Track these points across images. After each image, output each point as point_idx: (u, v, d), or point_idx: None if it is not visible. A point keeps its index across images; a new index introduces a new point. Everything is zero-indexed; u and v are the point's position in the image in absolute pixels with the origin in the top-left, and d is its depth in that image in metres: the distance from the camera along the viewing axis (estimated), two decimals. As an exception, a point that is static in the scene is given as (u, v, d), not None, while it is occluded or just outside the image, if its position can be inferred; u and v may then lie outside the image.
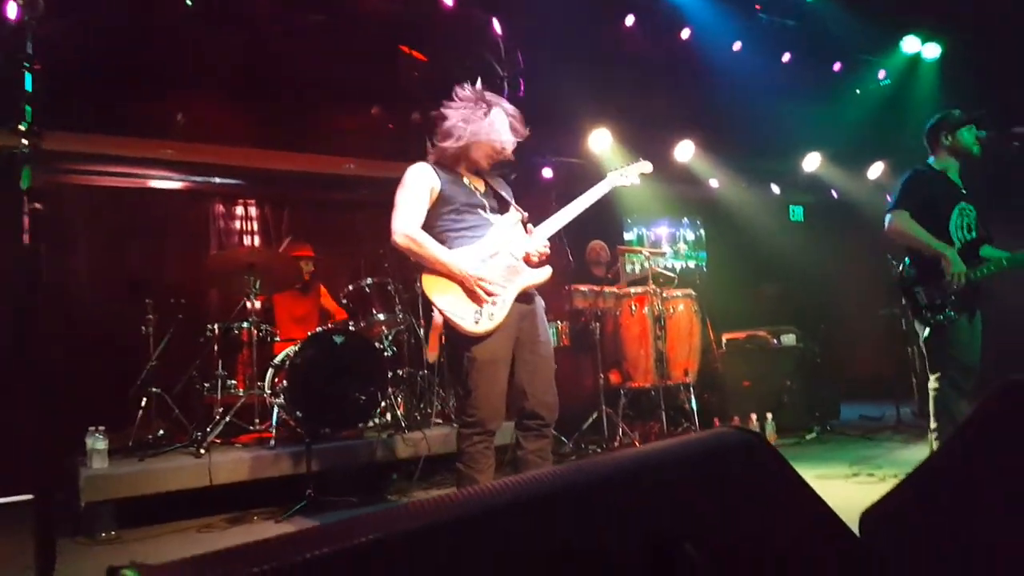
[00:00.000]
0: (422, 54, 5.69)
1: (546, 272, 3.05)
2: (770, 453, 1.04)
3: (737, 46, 6.70)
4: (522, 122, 3.06)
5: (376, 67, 5.70)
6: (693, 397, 5.82)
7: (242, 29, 5.09)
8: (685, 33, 6.44)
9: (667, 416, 5.56)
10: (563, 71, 5.62)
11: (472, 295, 2.87)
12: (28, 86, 1.73)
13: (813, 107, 7.42)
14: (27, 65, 1.74)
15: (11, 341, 5.17)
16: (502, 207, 3.12)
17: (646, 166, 3.46)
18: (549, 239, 3.09)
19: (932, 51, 7.56)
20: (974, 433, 1.23)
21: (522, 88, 5.65)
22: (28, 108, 1.69)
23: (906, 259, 3.74)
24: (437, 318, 2.95)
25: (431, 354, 3.05)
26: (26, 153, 1.63)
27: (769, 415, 5.59)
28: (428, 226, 2.97)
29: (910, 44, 7.52)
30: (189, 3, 4.63)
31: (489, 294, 2.87)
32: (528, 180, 6.86)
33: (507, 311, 2.90)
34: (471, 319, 2.85)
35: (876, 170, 8.32)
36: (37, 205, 1.59)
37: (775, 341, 6.43)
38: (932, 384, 3.62)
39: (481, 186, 3.12)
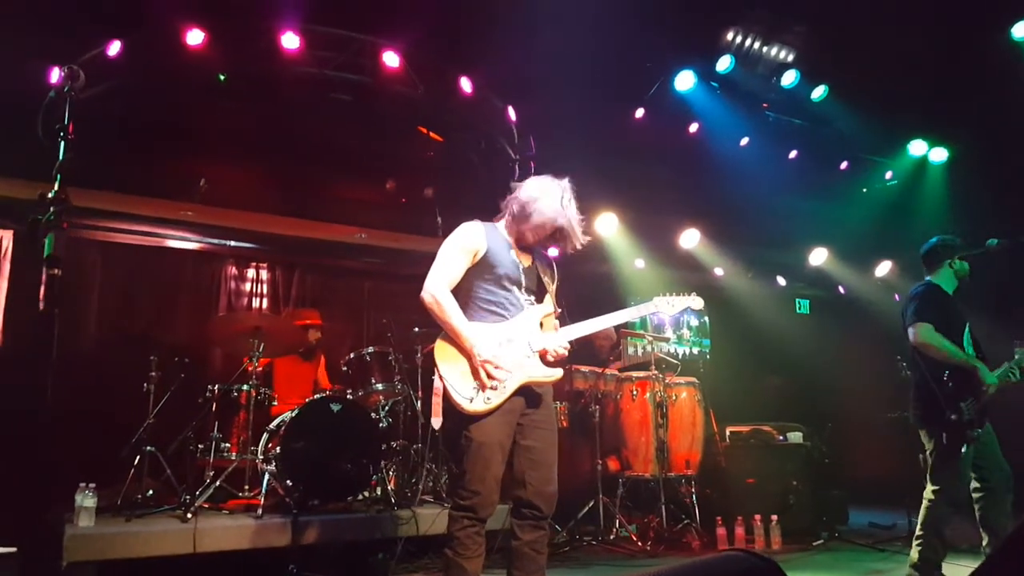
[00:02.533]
0: (438, 135, 5.91)
1: (556, 373, 3.01)
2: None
3: (745, 141, 6.89)
4: (583, 232, 3.04)
5: (393, 144, 5.92)
6: (695, 491, 5.65)
7: (269, 103, 5.32)
8: (693, 127, 6.64)
9: (667, 510, 5.41)
10: (573, 156, 5.79)
11: (475, 374, 2.86)
12: (61, 155, 1.80)
13: (820, 203, 7.56)
14: (62, 134, 1.82)
15: (15, 393, 5.24)
16: (539, 291, 3.12)
17: (697, 302, 3.38)
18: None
19: (939, 155, 7.72)
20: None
21: (532, 171, 5.83)
22: (59, 176, 1.75)
23: (945, 371, 3.72)
24: (437, 384, 2.93)
25: (436, 420, 3.01)
26: (51, 221, 1.69)
27: (774, 517, 5.36)
28: (463, 287, 2.96)
29: (917, 147, 7.70)
30: (222, 78, 4.86)
31: (492, 378, 2.85)
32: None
33: (504, 398, 2.87)
34: (466, 396, 2.84)
35: (884, 268, 8.37)
36: (56, 271, 1.64)
37: (781, 438, 6.23)
38: (928, 495, 3.71)
39: (527, 262, 3.10)
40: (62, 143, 1.91)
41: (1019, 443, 4.13)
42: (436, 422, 2.98)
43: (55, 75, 4.89)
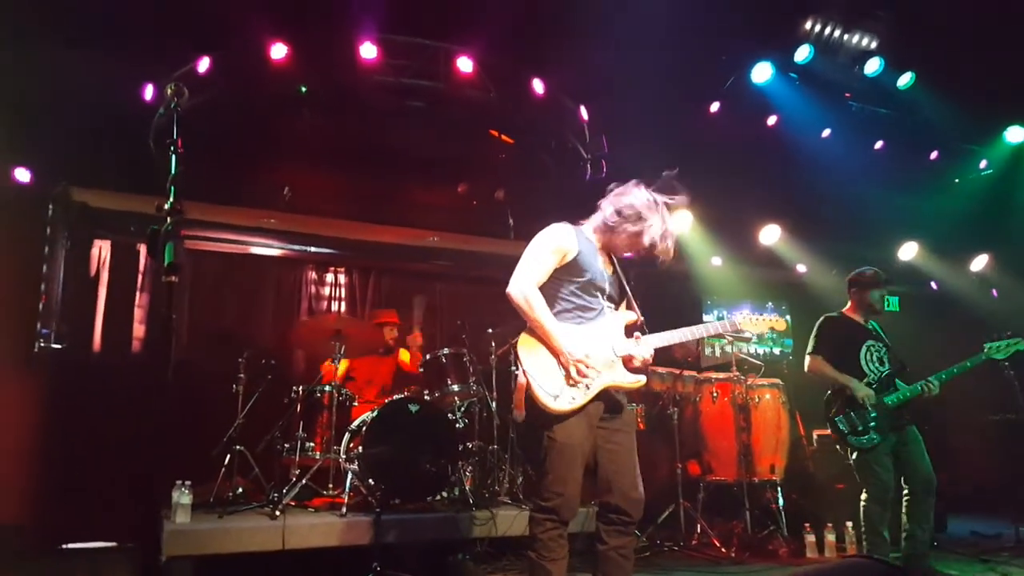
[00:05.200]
0: (510, 137, 5.93)
1: (641, 379, 2.98)
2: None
3: (826, 133, 6.63)
4: (674, 248, 2.99)
5: (465, 148, 5.98)
6: (781, 496, 5.48)
7: (347, 112, 5.47)
8: (772, 120, 6.44)
9: (751, 516, 5.26)
10: (645, 154, 5.72)
11: (564, 373, 2.84)
12: (173, 168, 1.91)
13: (909, 195, 7.20)
14: (172, 148, 1.92)
15: (112, 396, 5.57)
16: (619, 298, 3.11)
17: (779, 324, 3.38)
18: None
19: (1038, 141, 7.25)
20: None
21: (604, 170, 5.77)
22: (173, 188, 1.85)
23: (828, 393, 4.40)
24: (521, 379, 2.89)
25: (518, 413, 2.99)
26: (169, 231, 1.78)
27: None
28: (546, 288, 2.94)
29: (1014, 134, 7.26)
30: (303, 89, 5.03)
31: (582, 376, 2.83)
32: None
33: (588, 399, 2.85)
34: (551, 394, 2.82)
35: (980, 262, 7.92)
36: (174, 278, 1.73)
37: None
38: (862, 498, 4.26)
39: (610, 270, 3.09)
40: (173, 157, 2.01)
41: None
42: (518, 415, 2.97)
43: (148, 92, 5.18)
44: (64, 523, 5.35)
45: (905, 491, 4.29)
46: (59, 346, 5.61)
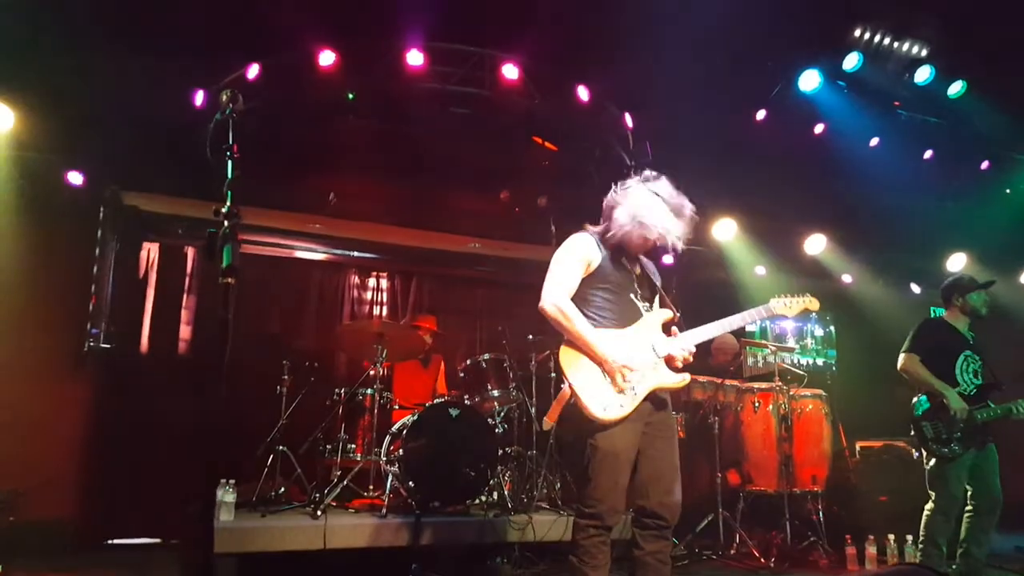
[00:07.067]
0: (553, 144, 5.94)
1: (684, 379, 2.96)
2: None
3: (875, 142, 6.51)
4: (685, 209, 2.97)
5: (508, 155, 6.01)
6: (821, 508, 5.39)
7: (393, 119, 5.54)
8: (819, 128, 6.35)
9: (791, 526, 5.18)
10: (691, 161, 5.66)
11: (609, 380, 2.83)
12: (230, 173, 1.96)
13: (958, 205, 7.04)
14: (229, 154, 1.98)
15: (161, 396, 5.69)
16: (652, 296, 3.11)
17: (813, 303, 3.24)
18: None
19: (1092, 151, 7.04)
20: None
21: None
22: (229, 193, 1.91)
23: (922, 396, 4.37)
24: (565, 390, 2.87)
25: (547, 421, 2.98)
26: (228, 234, 1.83)
27: (909, 538, 5.03)
28: (579, 297, 2.95)
29: (1068, 143, 7.05)
30: (351, 96, 5.11)
31: (627, 381, 2.82)
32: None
33: (637, 404, 2.85)
34: (600, 404, 2.80)
35: (1031, 275, 7.71)
36: (230, 280, 1.78)
37: (916, 454, 5.87)
38: (928, 507, 4.23)
39: (637, 269, 3.10)
40: (229, 162, 2.06)
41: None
42: (547, 424, 2.96)
43: (199, 98, 5.30)
44: (111, 519, 5.50)
45: (969, 507, 4.26)
46: (108, 346, 5.76)
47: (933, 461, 4.26)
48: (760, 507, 5.62)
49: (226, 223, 1.86)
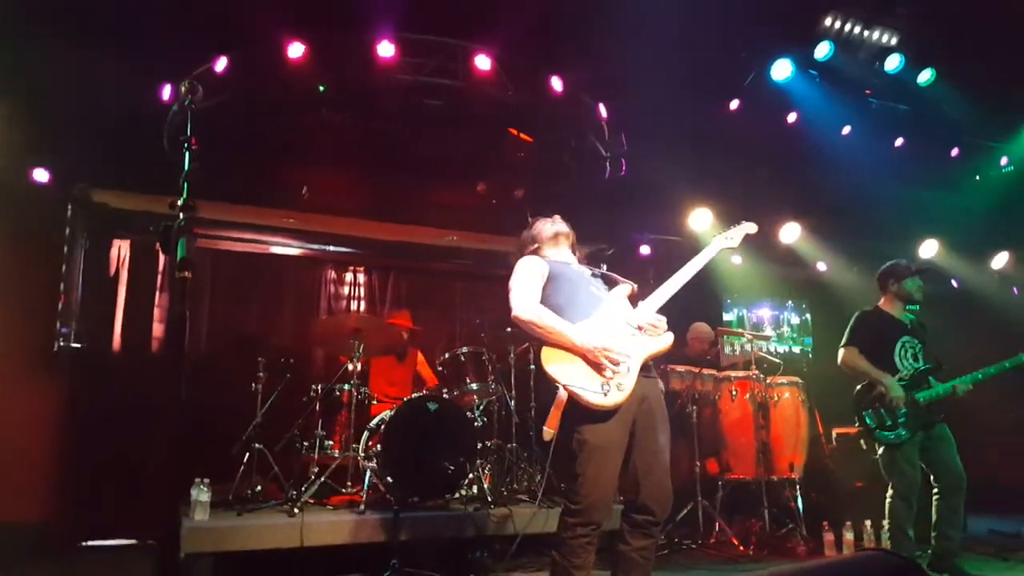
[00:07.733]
0: (528, 135, 5.92)
1: (668, 338, 2.99)
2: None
3: (846, 130, 6.57)
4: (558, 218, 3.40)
5: (483, 147, 5.98)
6: (799, 495, 5.44)
7: (365, 111, 5.48)
8: (792, 117, 6.39)
9: (770, 514, 5.23)
10: (665, 152, 5.68)
11: (596, 367, 2.82)
12: (187, 165, 1.93)
13: (929, 192, 7.13)
14: (186, 145, 1.94)
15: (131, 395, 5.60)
16: (609, 284, 3.16)
17: (751, 227, 3.35)
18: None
19: (1061, 138, 7.17)
20: None
21: (624, 168, 5.75)
22: (186, 185, 1.87)
23: (858, 386, 4.40)
24: (562, 394, 2.81)
25: (548, 431, 2.92)
26: (182, 227, 1.80)
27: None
28: (545, 304, 2.99)
29: (1036, 130, 7.16)
30: (322, 89, 5.05)
31: (615, 363, 2.81)
32: (626, 257, 6.90)
33: (634, 381, 2.83)
34: (599, 391, 2.78)
35: (1000, 260, 7.84)
36: (187, 274, 1.74)
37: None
38: (888, 494, 4.25)
39: (586, 270, 3.22)
40: (187, 154, 2.02)
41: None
42: (547, 432, 2.86)
43: (166, 92, 5.21)
44: (85, 521, 5.40)
45: (935, 490, 4.29)
46: (79, 345, 5.65)
47: (882, 449, 4.27)
48: (739, 495, 5.66)
49: (181, 215, 1.82)
